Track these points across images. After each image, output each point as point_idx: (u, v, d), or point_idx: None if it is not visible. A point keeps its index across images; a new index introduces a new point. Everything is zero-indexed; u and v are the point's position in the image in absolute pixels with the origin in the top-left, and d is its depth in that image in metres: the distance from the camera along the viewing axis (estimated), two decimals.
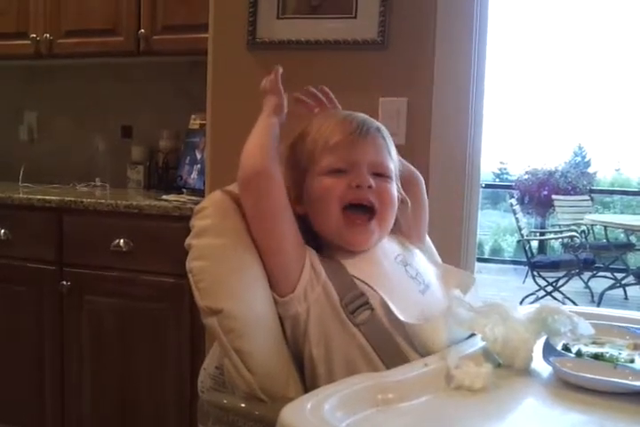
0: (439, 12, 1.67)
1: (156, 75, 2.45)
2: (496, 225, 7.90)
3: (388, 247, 1.02)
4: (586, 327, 0.86)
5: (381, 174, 0.98)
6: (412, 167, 1.15)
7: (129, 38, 2.20)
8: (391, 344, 0.85)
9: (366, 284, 0.91)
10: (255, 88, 1.81)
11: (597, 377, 0.75)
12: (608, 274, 5.36)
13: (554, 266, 4.70)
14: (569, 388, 0.77)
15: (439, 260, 1.19)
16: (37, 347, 2.03)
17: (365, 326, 0.88)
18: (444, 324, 0.86)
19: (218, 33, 1.86)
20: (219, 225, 0.92)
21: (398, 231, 1.10)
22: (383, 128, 1.03)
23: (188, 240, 0.91)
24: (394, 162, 1.03)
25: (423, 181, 1.16)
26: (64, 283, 1.96)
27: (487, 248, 7.68)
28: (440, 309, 0.87)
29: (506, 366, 0.83)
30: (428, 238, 1.22)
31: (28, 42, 2.31)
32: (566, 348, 0.87)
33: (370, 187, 0.96)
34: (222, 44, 1.86)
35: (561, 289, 4.67)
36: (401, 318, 0.88)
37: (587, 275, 5.22)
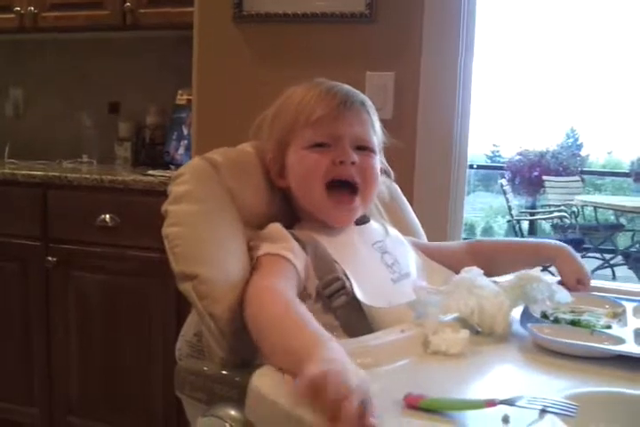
0: None
1: (142, 50, 2.41)
2: (488, 206, 7.93)
3: (370, 232, 1.02)
4: (564, 295, 0.86)
5: (364, 148, 0.98)
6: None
7: (114, 12, 2.17)
8: (365, 330, 0.84)
9: (340, 266, 0.91)
10: (241, 61, 1.82)
11: (574, 342, 0.76)
12: (597, 255, 5.40)
13: None
14: (546, 353, 0.77)
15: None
16: (24, 323, 2.02)
17: (341, 311, 0.87)
18: (407, 311, 0.85)
19: (203, 5, 1.83)
20: (196, 191, 0.91)
21: (396, 226, 1.11)
22: (367, 101, 1.01)
23: (165, 206, 0.90)
24: (377, 135, 1.02)
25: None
26: (50, 259, 1.95)
27: (479, 229, 7.72)
28: (409, 299, 0.86)
29: (485, 334, 0.83)
30: (425, 238, 1.23)
31: (12, 15, 2.28)
32: (545, 316, 0.87)
33: (353, 163, 0.95)
34: (208, 16, 1.83)
35: (550, 269, 4.69)
36: (364, 301, 0.88)
37: None
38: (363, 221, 1.03)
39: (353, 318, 0.86)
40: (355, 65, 1.71)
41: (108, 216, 1.89)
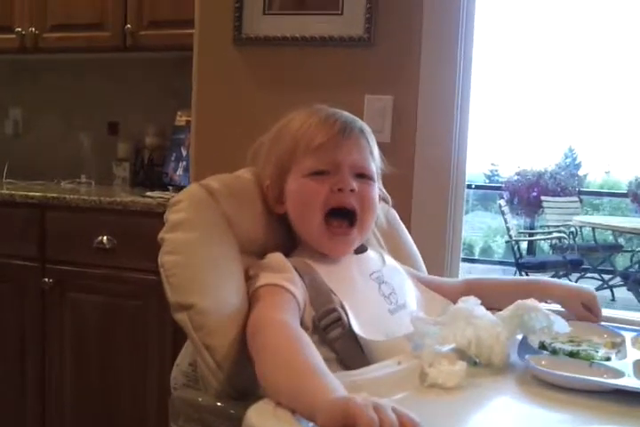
0: (425, 10, 1.66)
1: (142, 71, 2.43)
2: (487, 226, 7.93)
3: (368, 262, 1.01)
4: (562, 325, 0.85)
5: (363, 176, 0.97)
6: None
7: (115, 33, 2.18)
8: (362, 363, 0.83)
9: (337, 297, 0.90)
10: (241, 84, 1.83)
11: (572, 375, 0.75)
12: (596, 275, 5.38)
13: (541, 267, 4.71)
14: (543, 386, 0.76)
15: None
16: (19, 344, 2.01)
17: (337, 343, 0.86)
18: (405, 343, 0.84)
19: (204, 28, 1.85)
20: (193, 219, 0.90)
21: (394, 253, 1.10)
22: (366, 128, 1.01)
23: (161, 234, 0.90)
24: (376, 162, 1.02)
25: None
26: (46, 280, 1.94)
27: (477, 249, 7.70)
28: (406, 330, 0.85)
29: (482, 365, 0.82)
30: (422, 264, 1.22)
31: (13, 36, 2.29)
32: (543, 346, 0.86)
33: (352, 190, 0.94)
34: (208, 39, 1.85)
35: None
36: (361, 334, 0.86)
37: (574, 276, 5.24)
38: (361, 250, 1.02)
39: (349, 351, 0.85)
40: (353, 88, 1.71)
41: (105, 238, 1.88)
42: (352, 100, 1.64)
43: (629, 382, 0.73)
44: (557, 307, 1.01)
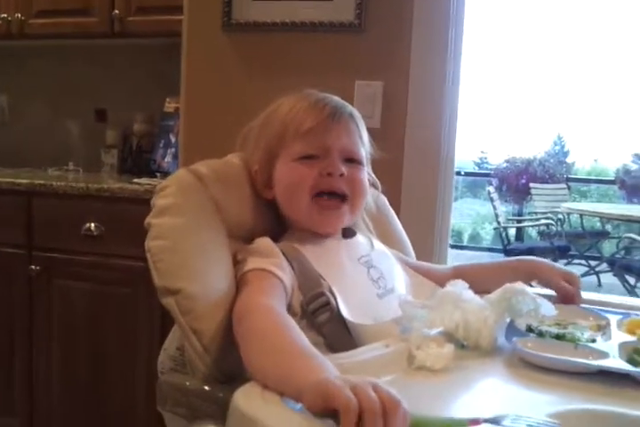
0: None
1: (130, 58, 2.41)
2: (475, 213, 7.97)
3: (356, 247, 1.01)
4: (549, 308, 0.86)
5: (352, 160, 0.97)
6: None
7: (103, 19, 2.16)
8: (350, 347, 0.83)
9: (326, 282, 0.90)
10: (230, 70, 1.81)
11: (558, 357, 0.76)
12: (583, 261, 5.43)
13: (529, 253, 4.74)
14: (530, 368, 0.77)
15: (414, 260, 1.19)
16: (6, 331, 2.00)
17: (325, 327, 0.86)
18: (393, 327, 0.84)
19: (193, 14, 1.83)
20: (180, 204, 0.90)
21: (383, 238, 1.10)
22: (356, 112, 1.01)
23: (148, 219, 0.89)
24: (365, 147, 1.02)
25: None
26: (33, 267, 1.93)
27: (466, 236, 7.75)
28: (395, 315, 0.86)
29: (470, 348, 0.83)
30: (411, 250, 1.22)
31: None
32: (530, 329, 0.87)
33: (341, 175, 0.94)
34: (197, 25, 1.83)
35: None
36: (349, 318, 0.87)
37: (562, 262, 5.28)
38: (350, 234, 1.02)
39: (337, 335, 0.85)
40: (344, 74, 1.71)
41: (93, 225, 1.87)
42: (342, 85, 1.64)
43: (614, 362, 0.74)
44: (545, 291, 1.02)
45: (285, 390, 0.64)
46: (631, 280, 4.59)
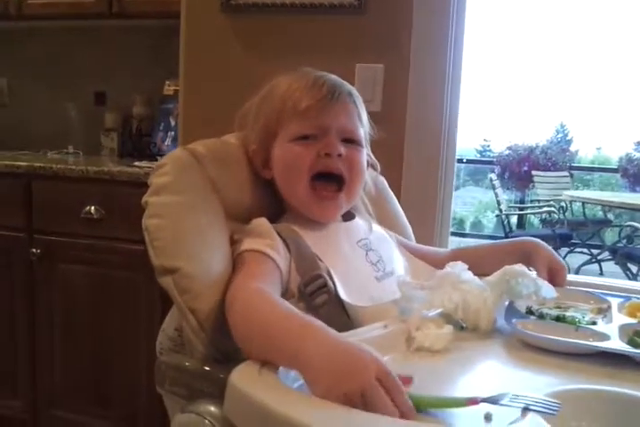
0: None
1: (129, 39, 2.38)
2: (477, 201, 7.95)
3: (354, 229, 1.00)
4: (549, 290, 0.85)
5: (351, 141, 0.96)
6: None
7: None
8: (346, 328, 0.82)
9: (323, 263, 0.89)
10: (229, 52, 1.79)
11: (558, 338, 0.75)
12: (584, 250, 5.42)
13: None
14: (530, 349, 0.76)
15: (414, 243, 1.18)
16: (8, 315, 2.00)
17: (322, 309, 0.85)
18: (391, 308, 0.84)
19: None
20: (177, 182, 0.88)
21: (381, 220, 1.10)
22: (355, 92, 0.99)
23: (145, 197, 0.88)
24: (364, 127, 1.00)
25: None
26: (34, 250, 1.92)
27: (468, 224, 7.74)
28: (393, 297, 0.85)
29: (469, 329, 0.82)
30: (411, 233, 1.21)
31: None
32: (530, 311, 0.87)
33: (339, 155, 0.93)
34: (196, 6, 1.81)
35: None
36: (347, 299, 0.86)
37: (564, 250, 5.28)
38: (348, 217, 1.01)
39: (335, 317, 0.84)
40: (344, 57, 1.69)
41: (93, 208, 1.86)
42: (343, 68, 1.58)
43: (614, 344, 0.74)
44: None
45: (276, 356, 0.65)
46: (633, 268, 4.58)
